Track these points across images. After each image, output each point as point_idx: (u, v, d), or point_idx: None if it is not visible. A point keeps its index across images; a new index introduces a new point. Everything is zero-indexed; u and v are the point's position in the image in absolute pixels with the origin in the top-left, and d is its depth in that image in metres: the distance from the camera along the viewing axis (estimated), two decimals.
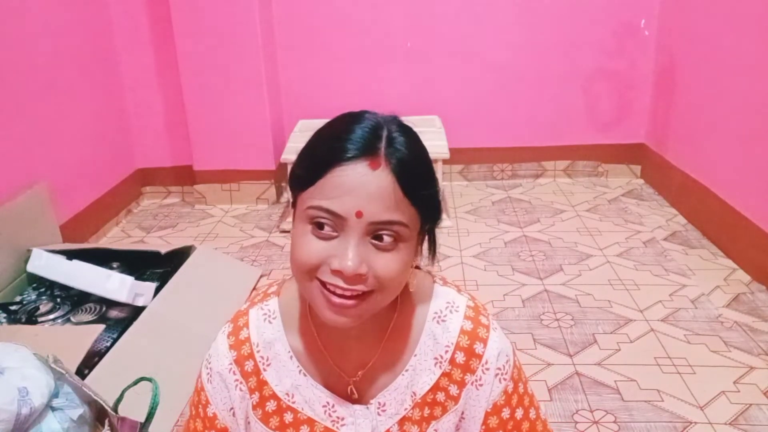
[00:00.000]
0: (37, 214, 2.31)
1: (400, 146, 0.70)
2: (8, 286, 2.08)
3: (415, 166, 0.71)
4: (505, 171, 3.46)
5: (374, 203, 0.67)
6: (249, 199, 3.22)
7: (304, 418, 0.82)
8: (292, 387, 0.82)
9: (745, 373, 1.77)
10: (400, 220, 0.69)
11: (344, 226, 0.68)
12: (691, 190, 2.80)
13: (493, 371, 0.80)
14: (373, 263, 0.69)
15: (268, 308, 0.84)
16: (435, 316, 0.81)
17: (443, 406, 0.82)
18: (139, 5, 3.07)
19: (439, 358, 0.81)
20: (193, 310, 1.98)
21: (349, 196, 0.67)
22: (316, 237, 0.70)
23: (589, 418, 1.62)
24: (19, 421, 1.27)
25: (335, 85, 3.28)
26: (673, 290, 2.23)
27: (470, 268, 2.47)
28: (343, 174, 0.68)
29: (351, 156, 0.68)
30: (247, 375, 0.82)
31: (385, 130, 0.71)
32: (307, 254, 0.69)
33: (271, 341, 0.82)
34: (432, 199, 0.74)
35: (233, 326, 0.84)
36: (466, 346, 0.80)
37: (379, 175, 0.68)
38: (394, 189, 0.68)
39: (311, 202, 0.69)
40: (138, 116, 3.24)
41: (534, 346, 1.93)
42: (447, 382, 0.81)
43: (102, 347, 1.73)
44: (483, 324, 0.81)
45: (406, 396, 0.82)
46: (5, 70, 2.25)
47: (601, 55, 3.22)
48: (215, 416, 0.84)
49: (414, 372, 0.81)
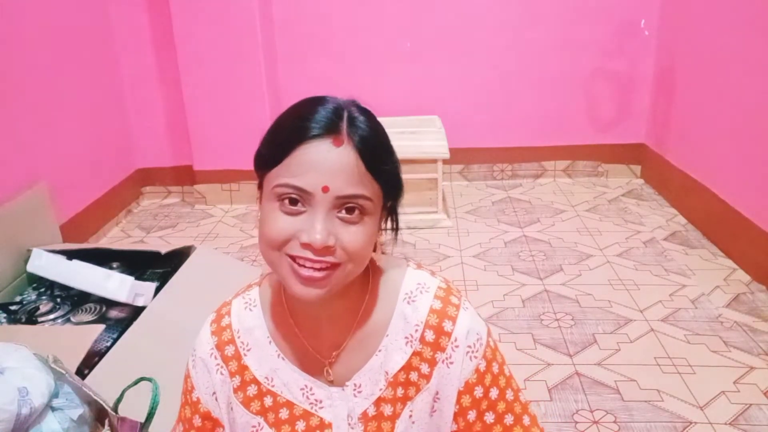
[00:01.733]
0: (37, 214, 2.31)
1: (361, 124, 0.74)
2: (8, 286, 2.08)
3: (376, 143, 0.75)
4: (505, 171, 3.46)
5: (339, 178, 0.71)
6: (249, 199, 3.22)
7: (283, 401, 0.84)
8: (270, 371, 0.84)
9: (745, 373, 1.77)
10: (363, 193, 0.72)
11: (311, 201, 0.71)
12: (691, 190, 2.80)
13: (463, 349, 0.81)
14: (340, 236, 0.72)
15: (249, 297, 0.88)
16: (406, 296, 0.83)
17: (416, 386, 0.83)
18: (139, 5, 3.07)
19: (410, 337, 0.82)
20: (193, 310, 1.96)
21: (315, 172, 0.71)
22: (285, 213, 0.73)
23: (589, 418, 1.62)
24: (19, 421, 1.27)
25: (335, 85, 3.28)
26: (673, 290, 2.23)
27: (470, 268, 2.47)
28: (308, 152, 0.71)
29: (315, 134, 0.72)
30: (227, 359, 0.85)
31: (345, 111, 0.75)
32: (276, 230, 0.72)
33: (251, 328, 0.85)
34: (393, 174, 0.78)
35: (216, 315, 0.88)
36: (435, 324, 0.81)
37: (341, 151, 0.72)
38: (357, 164, 0.72)
39: (278, 180, 0.72)
40: (138, 116, 3.25)
41: (534, 346, 1.93)
42: (418, 361, 0.82)
43: (102, 347, 1.73)
44: (453, 303, 0.82)
45: (380, 376, 0.83)
46: (5, 70, 2.25)
47: (601, 55, 3.22)
48: (198, 401, 0.87)
49: (386, 352, 0.82)
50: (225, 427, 0.87)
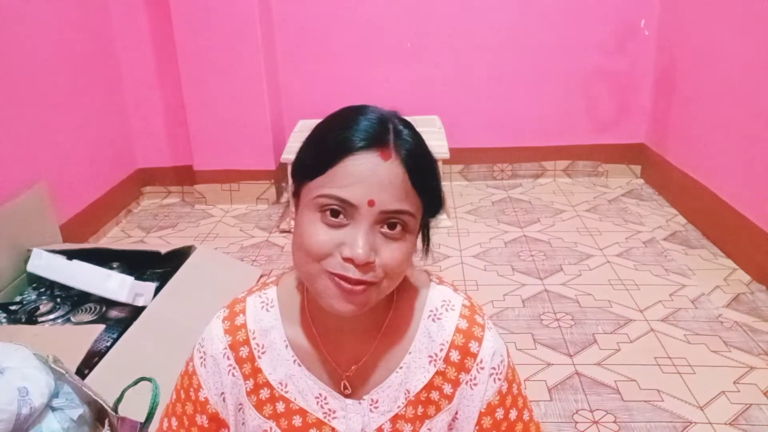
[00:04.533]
0: (37, 214, 2.31)
1: (408, 137, 0.73)
2: (8, 286, 2.08)
3: (423, 158, 0.73)
4: (505, 171, 3.46)
5: (385, 192, 0.69)
6: (249, 199, 3.22)
7: (297, 408, 0.82)
8: (285, 376, 0.82)
9: (745, 373, 1.77)
10: (408, 209, 0.71)
11: (354, 214, 0.69)
12: (691, 190, 2.80)
13: (487, 371, 0.80)
14: (380, 252, 0.70)
15: (266, 296, 0.84)
16: (431, 314, 0.82)
17: (437, 405, 0.82)
18: (139, 5, 3.07)
19: (434, 356, 0.81)
20: (193, 310, 1.97)
21: (361, 185, 0.69)
22: (327, 225, 0.70)
23: (589, 418, 1.62)
24: (19, 421, 1.27)
25: (335, 85, 3.28)
26: (673, 290, 2.23)
27: (470, 268, 2.47)
28: (355, 163, 0.69)
29: (362, 146, 0.70)
30: (241, 361, 0.82)
31: (390, 123, 0.73)
32: (318, 243, 0.70)
33: (268, 329, 0.82)
34: (437, 191, 0.76)
35: (229, 311, 0.84)
36: (461, 345, 0.80)
37: (389, 165, 0.70)
38: (403, 179, 0.70)
39: (321, 191, 0.70)
40: (138, 116, 3.24)
41: (534, 346, 1.93)
42: (441, 381, 0.81)
43: (102, 347, 1.73)
44: (478, 323, 0.81)
45: (399, 393, 0.81)
46: (5, 69, 2.25)
47: (601, 55, 3.22)
48: (207, 401, 0.83)
49: (408, 369, 0.81)
50: (230, 429, 0.85)
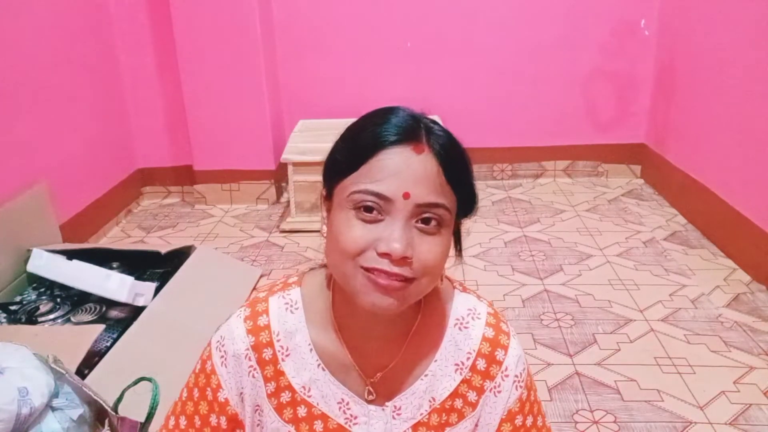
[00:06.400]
0: (37, 214, 2.31)
1: (440, 132, 0.73)
2: (8, 286, 2.08)
3: (457, 152, 0.73)
4: (505, 171, 3.46)
5: (420, 185, 0.69)
6: (249, 199, 3.22)
7: (318, 413, 0.81)
8: (309, 381, 0.81)
9: (745, 373, 1.77)
10: (443, 203, 0.71)
11: (390, 209, 0.69)
12: (691, 190, 2.80)
13: (512, 378, 0.81)
14: (417, 247, 0.69)
15: (290, 297, 0.82)
16: (457, 322, 0.82)
17: (460, 413, 0.82)
18: (139, 5, 3.07)
19: (460, 364, 0.81)
20: (193, 310, 1.98)
21: (396, 179, 0.68)
22: (362, 221, 0.70)
23: (589, 418, 1.62)
24: (19, 421, 1.27)
25: (335, 85, 3.28)
26: (673, 290, 2.23)
27: (470, 268, 2.47)
28: (389, 158, 0.69)
29: (395, 140, 0.70)
30: (264, 363, 0.80)
31: (421, 119, 0.73)
32: (353, 239, 0.69)
33: (293, 332, 0.80)
34: (471, 187, 0.75)
35: (251, 311, 0.81)
36: (488, 353, 0.81)
37: (423, 159, 0.70)
38: (438, 173, 0.70)
39: (356, 187, 0.70)
40: (138, 116, 3.24)
41: (534, 346, 1.93)
42: (466, 389, 0.82)
43: (102, 347, 1.73)
44: (504, 331, 0.82)
45: (423, 401, 0.81)
46: (5, 70, 2.25)
47: (601, 55, 3.22)
48: (227, 402, 0.81)
49: (434, 377, 0.81)
50: (246, 430, 0.83)
